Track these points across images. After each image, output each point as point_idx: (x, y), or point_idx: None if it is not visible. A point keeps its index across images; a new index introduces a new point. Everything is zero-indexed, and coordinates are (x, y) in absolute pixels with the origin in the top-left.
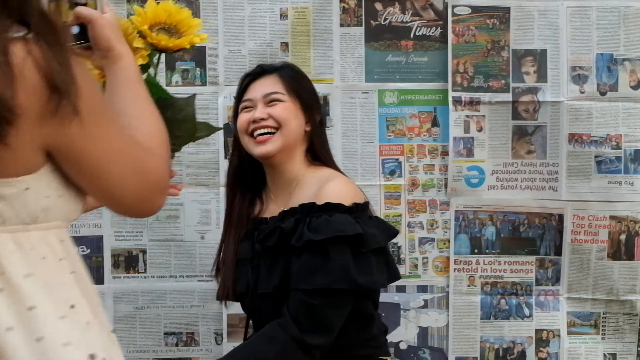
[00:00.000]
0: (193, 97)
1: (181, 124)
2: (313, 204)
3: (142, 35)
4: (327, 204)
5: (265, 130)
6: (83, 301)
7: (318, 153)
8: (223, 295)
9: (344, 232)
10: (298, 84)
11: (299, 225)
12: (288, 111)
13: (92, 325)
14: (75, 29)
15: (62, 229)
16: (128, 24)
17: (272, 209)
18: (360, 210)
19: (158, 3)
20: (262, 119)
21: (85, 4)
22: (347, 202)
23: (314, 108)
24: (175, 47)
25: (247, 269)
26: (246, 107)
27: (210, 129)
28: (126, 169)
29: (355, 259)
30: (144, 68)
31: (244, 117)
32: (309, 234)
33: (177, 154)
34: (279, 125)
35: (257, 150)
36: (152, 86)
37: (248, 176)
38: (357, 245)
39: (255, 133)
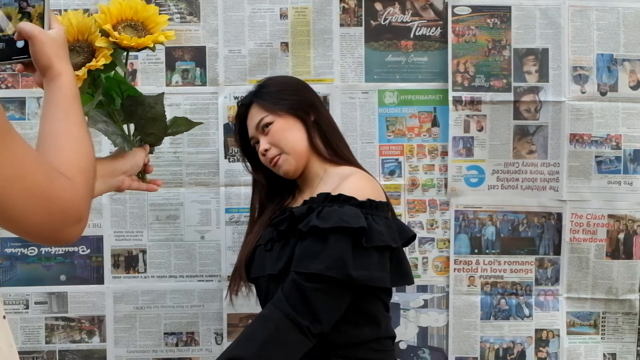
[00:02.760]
0: (161, 95)
1: (152, 121)
2: (328, 194)
3: (105, 34)
4: (340, 196)
5: (275, 157)
6: None
7: (326, 142)
8: (234, 271)
9: (348, 224)
10: (276, 98)
11: (311, 212)
12: (281, 131)
13: None
14: (19, 43)
15: None
16: (91, 23)
17: (299, 201)
18: (374, 207)
19: None
20: (267, 150)
21: (29, 13)
22: (362, 197)
23: (301, 109)
24: (138, 46)
25: (263, 252)
26: (255, 144)
27: (189, 124)
28: (26, 196)
29: (355, 252)
30: (110, 67)
31: (259, 154)
32: (316, 220)
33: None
34: (280, 148)
35: (281, 173)
36: (122, 84)
37: (262, 180)
38: (359, 238)
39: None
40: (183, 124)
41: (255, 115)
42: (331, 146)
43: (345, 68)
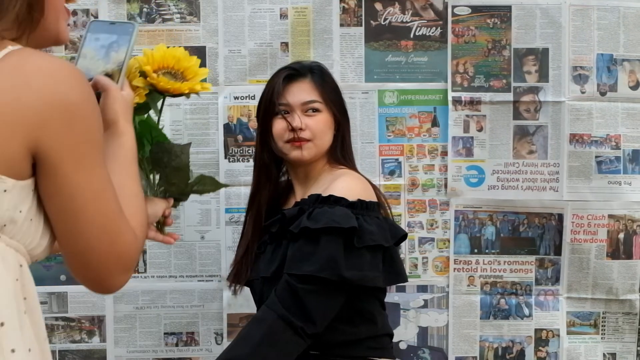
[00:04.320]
0: (188, 145)
1: (176, 171)
2: (318, 195)
3: (143, 75)
4: (330, 197)
5: (302, 140)
6: (30, 332)
7: (342, 152)
8: (230, 276)
9: (338, 224)
10: (332, 92)
11: (302, 214)
12: (324, 124)
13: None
14: None
15: (21, 255)
16: (134, 62)
17: (292, 202)
18: (365, 207)
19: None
20: (301, 129)
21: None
22: (352, 197)
23: (342, 116)
24: (174, 91)
25: (259, 255)
26: (282, 112)
27: (216, 185)
28: (100, 219)
29: (347, 252)
30: (144, 109)
31: (281, 124)
32: (307, 222)
33: None
34: (315, 137)
35: (293, 154)
36: (153, 130)
37: (273, 171)
38: (351, 239)
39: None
40: (209, 184)
41: (307, 92)
42: (342, 156)
43: (345, 68)
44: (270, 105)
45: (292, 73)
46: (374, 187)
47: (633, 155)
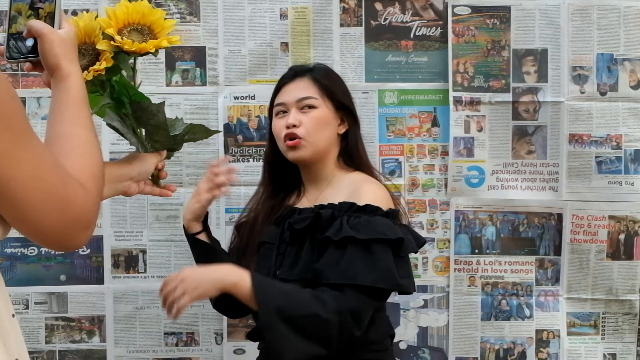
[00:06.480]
0: (162, 103)
1: (156, 129)
2: (353, 203)
3: (109, 37)
4: (368, 206)
5: (296, 137)
6: None
7: (352, 155)
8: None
9: (386, 236)
10: (332, 86)
11: (336, 220)
12: (320, 120)
13: None
14: (29, 41)
15: None
16: (97, 25)
17: (303, 202)
18: (395, 217)
19: (131, 1)
20: (294, 125)
21: (41, 8)
22: (384, 207)
23: (347, 110)
24: (140, 51)
25: (271, 253)
26: (280, 112)
27: (207, 132)
28: (43, 197)
29: (396, 261)
30: (115, 70)
31: (278, 124)
32: (350, 231)
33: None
34: (308, 134)
35: (290, 155)
36: (129, 88)
37: (284, 169)
38: (397, 249)
39: (288, 138)
40: (200, 132)
41: (303, 89)
42: (349, 153)
43: (345, 68)
44: (270, 106)
45: (291, 74)
46: (391, 193)
47: (635, 155)
